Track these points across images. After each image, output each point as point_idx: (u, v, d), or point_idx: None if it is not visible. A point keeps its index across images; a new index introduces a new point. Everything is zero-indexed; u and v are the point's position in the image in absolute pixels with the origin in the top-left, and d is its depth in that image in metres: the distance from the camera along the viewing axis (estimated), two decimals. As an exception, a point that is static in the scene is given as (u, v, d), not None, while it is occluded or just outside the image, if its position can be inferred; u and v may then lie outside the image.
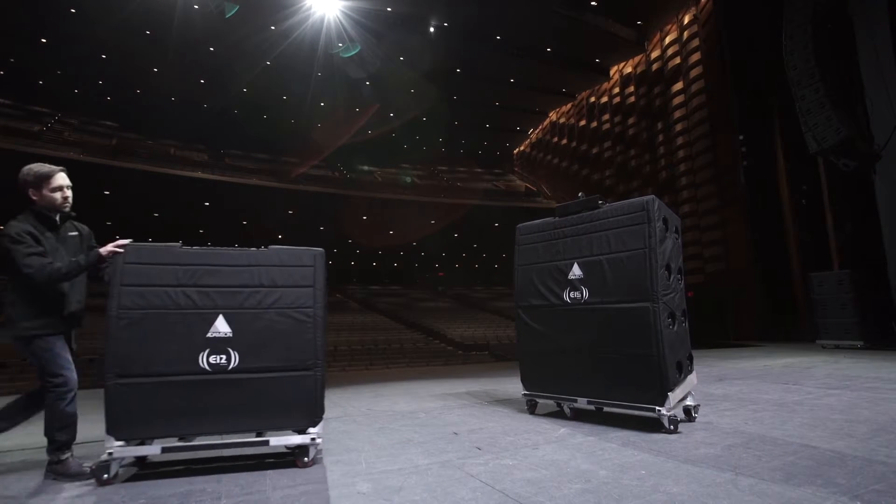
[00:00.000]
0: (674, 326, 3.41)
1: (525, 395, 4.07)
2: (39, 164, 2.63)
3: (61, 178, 2.66)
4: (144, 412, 2.50)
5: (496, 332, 21.99)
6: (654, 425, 3.27)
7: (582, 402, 3.63)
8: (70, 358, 2.64)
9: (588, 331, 3.62)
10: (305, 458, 2.64)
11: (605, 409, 3.65)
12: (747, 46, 15.18)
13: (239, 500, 2.17)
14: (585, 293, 3.67)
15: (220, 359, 2.59)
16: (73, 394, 2.54)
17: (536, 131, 37.04)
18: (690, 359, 3.68)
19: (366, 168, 32.92)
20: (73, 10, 19.23)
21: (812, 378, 5.67)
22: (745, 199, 15.08)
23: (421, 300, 29.59)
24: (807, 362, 7.42)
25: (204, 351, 2.58)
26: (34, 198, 2.54)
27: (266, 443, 2.67)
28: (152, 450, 2.53)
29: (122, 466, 2.65)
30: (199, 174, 22.46)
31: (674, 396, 3.25)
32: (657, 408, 3.20)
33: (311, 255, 2.85)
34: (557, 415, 3.89)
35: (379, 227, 28.44)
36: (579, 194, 4.05)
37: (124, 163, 20.62)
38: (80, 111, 25.51)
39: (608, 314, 3.50)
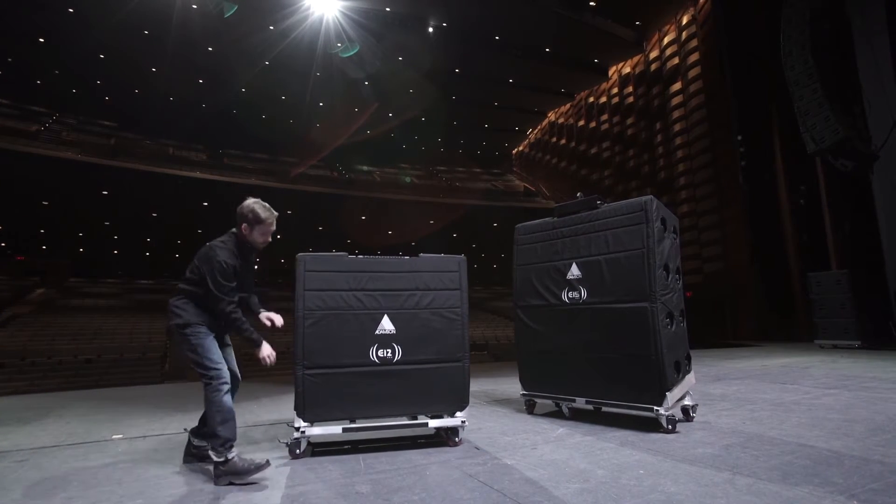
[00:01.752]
0: (672, 326, 3.42)
1: (523, 395, 4.07)
2: (260, 204, 2.77)
3: (272, 226, 2.84)
4: (327, 398, 2.90)
5: (495, 332, 22.00)
6: (652, 425, 3.28)
7: (580, 402, 3.64)
8: (222, 355, 2.68)
9: (586, 331, 3.63)
10: (456, 438, 3.03)
11: (604, 408, 3.66)
12: (746, 47, 15.22)
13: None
14: (584, 293, 3.68)
15: (387, 352, 3.02)
16: (228, 386, 2.59)
17: (535, 131, 37.06)
18: (689, 359, 3.69)
19: (365, 168, 32.90)
20: (70, 10, 19.20)
21: (810, 378, 5.69)
22: (744, 200, 15.11)
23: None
24: (805, 362, 7.44)
25: (373, 346, 3.01)
26: (244, 231, 2.72)
27: (425, 425, 3.06)
28: (334, 429, 2.91)
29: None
30: (197, 174, 22.45)
31: (672, 396, 3.26)
32: (655, 408, 3.21)
33: (457, 261, 3.32)
34: (556, 414, 3.89)
35: (378, 227, 28.44)
36: (578, 194, 4.06)
37: (122, 163, 20.59)
38: (79, 111, 25.47)
39: (606, 314, 3.51)
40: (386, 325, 3.03)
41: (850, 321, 9.85)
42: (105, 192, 21.15)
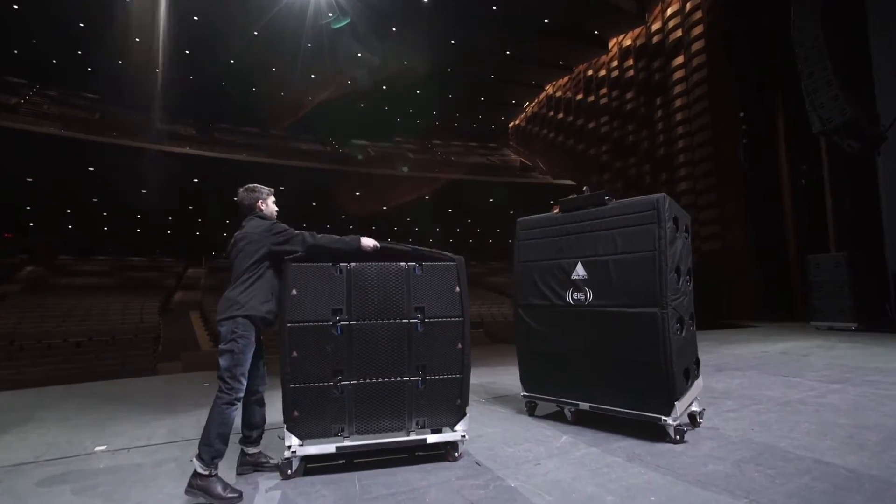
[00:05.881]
0: (682, 332, 3.27)
1: (524, 396, 3.95)
2: (256, 185, 2.99)
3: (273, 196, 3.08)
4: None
5: (490, 309, 21.96)
6: (658, 432, 3.16)
7: (584, 407, 3.52)
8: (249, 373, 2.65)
9: (591, 334, 3.47)
10: (455, 453, 2.93)
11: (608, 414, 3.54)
12: (752, 21, 14.68)
13: None
14: (589, 295, 3.51)
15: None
16: (240, 404, 2.60)
17: (532, 105, 36.27)
18: (697, 363, 3.56)
19: (358, 142, 32.21)
20: (45, -25, 18.18)
21: (811, 369, 5.62)
22: (744, 179, 14.88)
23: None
24: (803, 348, 7.40)
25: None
26: (261, 207, 2.92)
27: (423, 441, 2.92)
28: (327, 448, 2.72)
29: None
30: (187, 150, 21.83)
31: (680, 406, 3.13)
32: (663, 418, 3.09)
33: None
34: (558, 417, 3.78)
35: (372, 202, 28.04)
36: (584, 189, 3.84)
37: (108, 138, 19.94)
38: (60, 83, 24.51)
39: (613, 318, 3.35)
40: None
41: (848, 303, 9.82)
42: (91, 169, 20.56)
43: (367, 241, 2.80)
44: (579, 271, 3.59)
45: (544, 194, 32.93)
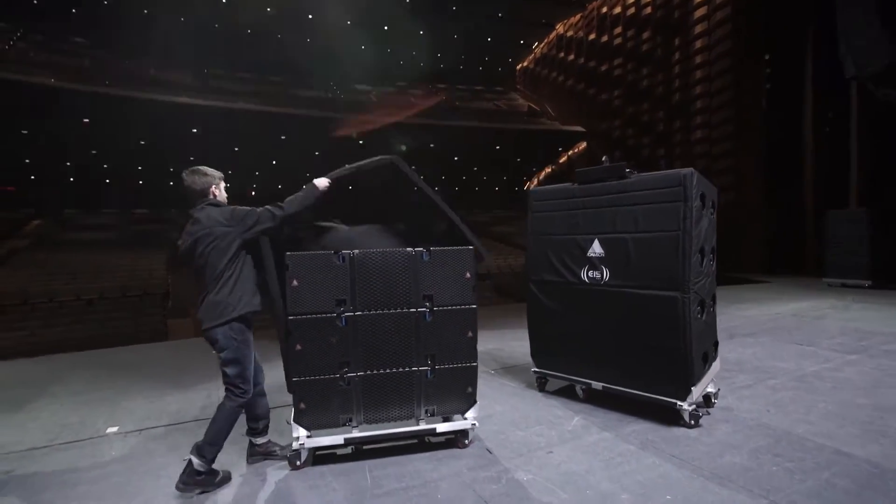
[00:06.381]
0: (703, 315, 3.13)
1: (535, 371, 3.89)
2: (205, 168, 2.65)
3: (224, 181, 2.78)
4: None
5: (497, 261, 21.91)
6: (672, 414, 3.09)
7: (597, 386, 3.45)
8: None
9: (607, 315, 3.34)
10: (466, 441, 2.89)
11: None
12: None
13: None
14: (606, 273, 3.35)
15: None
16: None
17: (542, 45, 34.42)
18: (716, 345, 3.45)
19: (360, 87, 30.97)
20: None
21: (825, 334, 5.53)
22: (764, 127, 14.15)
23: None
24: (816, 309, 7.30)
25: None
26: (215, 193, 2.63)
27: (433, 430, 2.86)
28: (335, 439, 2.69)
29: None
30: (182, 99, 21.07)
31: (697, 391, 3.05)
32: (679, 403, 3.02)
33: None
34: (569, 393, 3.73)
35: (376, 150, 27.33)
36: (603, 158, 3.57)
37: (100, 88, 19.21)
38: (45, 27, 23.32)
39: (631, 299, 3.20)
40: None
41: (864, 260, 9.63)
42: (86, 121, 19.97)
43: (321, 182, 2.68)
44: (596, 248, 3.41)
45: (552, 141, 32.01)
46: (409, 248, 2.75)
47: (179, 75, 24.56)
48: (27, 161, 22.68)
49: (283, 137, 24.81)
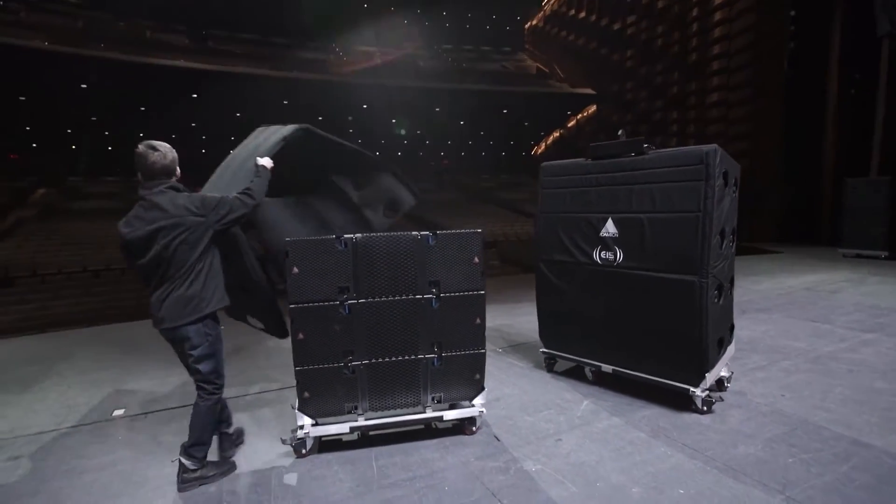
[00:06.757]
0: (720, 300, 3.01)
1: (543, 352, 3.82)
2: (157, 145, 2.28)
3: None
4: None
5: (503, 228, 21.69)
6: (683, 399, 3.02)
7: (607, 369, 3.38)
8: None
9: (619, 297, 3.23)
10: (473, 427, 2.86)
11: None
12: None
13: None
14: (619, 255, 3.21)
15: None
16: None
17: (552, 1, 32.92)
18: (732, 329, 3.34)
19: (364, 49, 29.98)
20: None
21: (841, 310, 5.41)
22: (785, 89, 13.51)
23: (425, 192, 28.83)
24: (831, 282, 7.14)
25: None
26: (178, 173, 2.35)
27: (440, 418, 2.82)
28: (341, 428, 2.67)
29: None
30: (181, 62, 20.52)
31: (711, 377, 2.96)
32: (692, 389, 2.94)
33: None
34: (577, 374, 3.68)
35: (381, 115, 26.81)
36: (619, 133, 3.37)
37: (96, 51, 18.69)
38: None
39: (645, 282, 3.08)
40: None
41: (881, 230, 9.38)
42: (84, 86, 19.58)
43: (269, 163, 2.56)
44: (609, 228, 3.26)
45: (561, 104, 31.10)
46: (414, 232, 2.62)
47: (176, 37, 23.83)
48: (27, 128, 22.44)
49: (285, 102, 24.27)
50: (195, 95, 22.17)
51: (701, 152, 2.84)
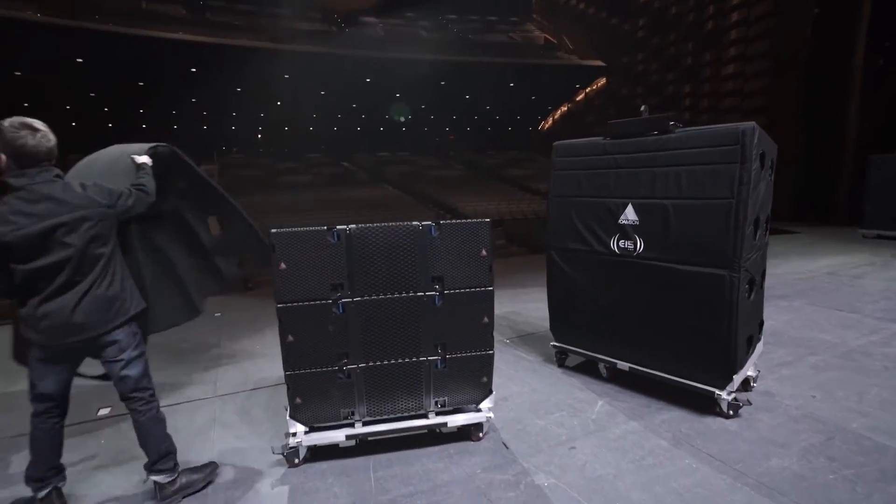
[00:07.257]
0: (751, 295, 2.74)
1: (554, 346, 3.59)
2: (23, 122, 1.94)
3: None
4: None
5: (509, 206, 21.29)
6: (705, 400, 2.79)
7: (623, 366, 3.15)
8: None
9: (639, 290, 2.97)
10: (480, 434, 2.73)
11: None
12: None
13: None
14: (640, 244, 2.93)
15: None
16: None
17: (561, -32, 31.58)
18: (761, 325, 3.09)
19: (366, 20, 29.04)
20: None
21: (867, 297, 5.12)
22: (807, 59, 12.87)
23: (430, 168, 28.50)
24: (854, 266, 6.82)
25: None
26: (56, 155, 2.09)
27: (444, 424, 2.65)
28: (336, 435, 2.50)
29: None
30: (179, 35, 19.91)
31: (738, 378, 2.72)
32: (717, 392, 2.70)
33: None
34: (590, 370, 3.45)
35: (384, 90, 26.16)
36: (642, 108, 3.04)
37: (91, 24, 18.13)
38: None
39: (669, 275, 2.81)
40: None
41: (905, 211, 8.99)
42: (80, 60, 19.06)
43: (146, 161, 2.35)
44: (629, 215, 2.98)
45: (569, 76, 30.14)
46: (415, 223, 2.35)
47: (172, 7, 23.11)
48: (25, 105, 22.04)
49: (286, 76, 23.65)
50: (194, 70, 21.61)
51: (737, 131, 2.52)
